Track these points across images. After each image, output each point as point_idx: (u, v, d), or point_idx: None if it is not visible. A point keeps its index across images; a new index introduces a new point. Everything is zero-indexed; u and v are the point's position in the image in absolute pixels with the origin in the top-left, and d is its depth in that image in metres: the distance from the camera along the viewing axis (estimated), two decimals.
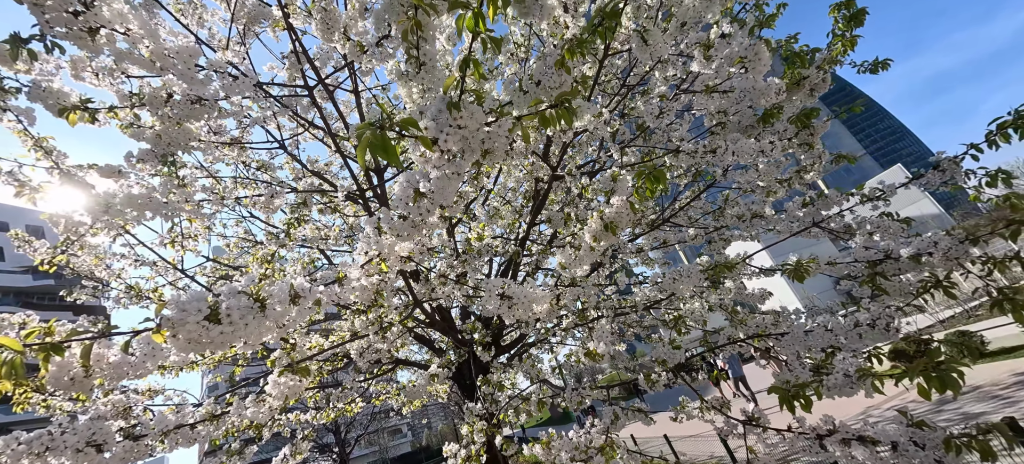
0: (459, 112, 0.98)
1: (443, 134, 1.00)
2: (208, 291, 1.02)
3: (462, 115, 0.99)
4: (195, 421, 1.62)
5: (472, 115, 1.01)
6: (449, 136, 1.01)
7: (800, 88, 3.13)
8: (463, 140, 1.03)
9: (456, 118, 0.99)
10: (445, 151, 1.04)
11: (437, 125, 0.99)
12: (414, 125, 0.92)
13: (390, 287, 1.77)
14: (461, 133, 1.02)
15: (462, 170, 1.14)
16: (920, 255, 2.10)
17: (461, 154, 1.07)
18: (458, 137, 1.02)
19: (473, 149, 1.07)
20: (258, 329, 1.05)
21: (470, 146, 1.07)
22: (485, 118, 1.07)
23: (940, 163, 2.57)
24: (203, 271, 3.88)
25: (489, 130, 1.09)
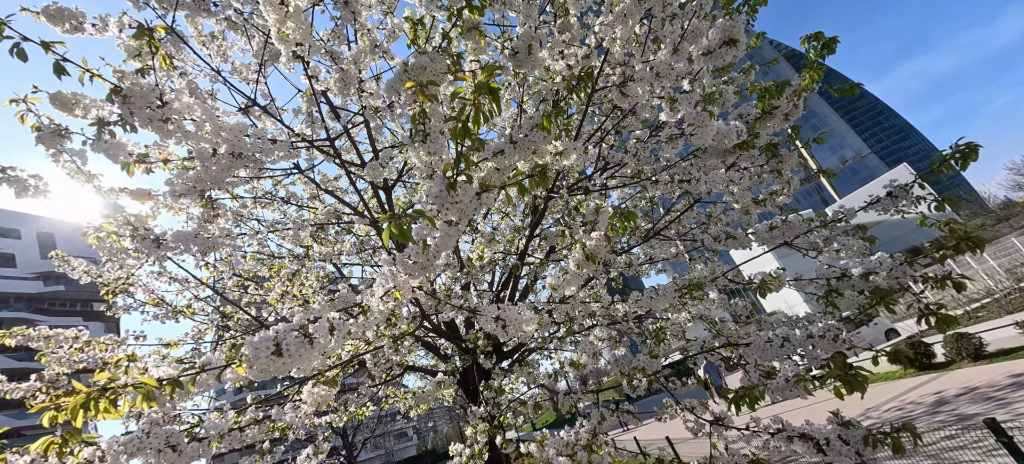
0: (455, 191, 1.31)
1: (443, 210, 1.32)
2: (264, 327, 1.34)
3: (457, 193, 1.31)
4: (243, 424, 1.95)
5: (466, 192, 1.34)
6: (448, 210, 1.33)
7: (773, 116, 3.42)
8: (459, 210, 1.35)
9: (453, 196, 1.31)
10: (445, 220, 1.36)
11: (438, 204, 1.31)
12: (421, 214, 1.24)
13: (402, 310, 2.10)
14: (457, 206, 1.34)
15: (461, 229, 1.47)
16: (868, 274, 2.38)
17: (459, 220, 1.39)
18: (456, 210, 1.34)
19: (467, 214, 1.39)
20: (308, 357, 1.38)
21: (465, 213, 1.39)
22: (475, 192, 1.39)
23: (893, 191, 2.85)
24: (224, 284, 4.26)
25: (479, 198, 1.41)
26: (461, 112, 1.26)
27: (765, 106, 3.35)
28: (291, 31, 1.87)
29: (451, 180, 1.30)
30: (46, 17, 2.62)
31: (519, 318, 1.79)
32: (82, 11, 2.67)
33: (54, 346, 3.17)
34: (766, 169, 3.19)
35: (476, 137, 1.29)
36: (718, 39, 2.06)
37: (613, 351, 5.47)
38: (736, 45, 2.04)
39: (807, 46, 3.74)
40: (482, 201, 1.39)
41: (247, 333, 4.15)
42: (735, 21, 2.03)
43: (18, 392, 3.06)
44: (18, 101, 2.53)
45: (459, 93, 1.23)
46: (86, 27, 2.69)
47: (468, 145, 1.29)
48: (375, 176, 2.61)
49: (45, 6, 2.61)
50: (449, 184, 1.30)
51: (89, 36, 2.79)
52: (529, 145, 2.04)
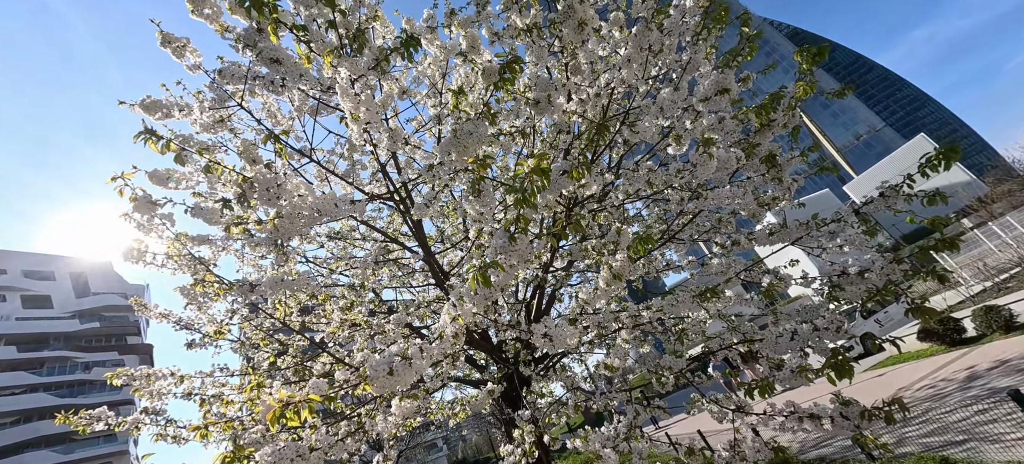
0: (515, 242, 1.71)
1: (506, 257, 1.73)
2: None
3: (516, 244, 1.72)
4: (342, 436, 2.38)
5: (522, 241, 1.74)
6: (509, 257, 1.74)
7: (771, 128, 3.76)
8: (518, 256, 1.76)
9: (512, 246, 1.72)
10: (507, 263, 1.77)
11: (504, 253, 1.72)
12: (496, 264, 1.65)
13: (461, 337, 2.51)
14: (516, 253, 1.75)
15: (516, 269, 1.87)
16: (864, 272, 2.69)
17: (516, 262, 1.80)
18: (515, 256, 1.75)
19: (524, 258, 1.80)
20: (409, 375, 1.81)
21: (522, 257, 1.80)
22: (529, 241, 1.80)
23: (884, 191, 3.15)
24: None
25: (532, 245, 1.81)
26: (522, 185, 1.66)
27: (762, 120, 3.69)
28: (363, 113, 2.32)
29: (511, 235, 1.71)
30: (143, 109, 3.15)
31: (563, 334, 2.18)
32: (170, 100, 3.20)
33: (152, 382, 3.68)
34: (767, 177, 3.52)
35: (532, 203, 1.69)
36: (713, 89, 2.43)
37: (639, 350, 5.81)
38: (729, 92, 2.41)
39: (800, 59, 4.09)
40: (533, 247, 1.80)
41: (305, 356, 4.63)
42: (726, 75, 2.40)
43: (124, 424, 3.57)
44: (116, 178, 3.05)
45: (520, 173, 1.63)
46: (174, 112, 3.21)
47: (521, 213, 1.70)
48: (422, 215, 3.04)
49: (142, 100, 3.14)
50: (510, 237, 1.71)
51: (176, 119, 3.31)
52: (558, 187, 2.44)
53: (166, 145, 2.08)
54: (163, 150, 2.48)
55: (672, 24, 3.15)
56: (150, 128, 2.03)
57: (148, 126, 2.02)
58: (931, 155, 3.00)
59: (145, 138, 2.01)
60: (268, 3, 1.76)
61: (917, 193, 3.44)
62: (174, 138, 2.09)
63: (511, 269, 1.84)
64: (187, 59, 3.25)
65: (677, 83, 2.81)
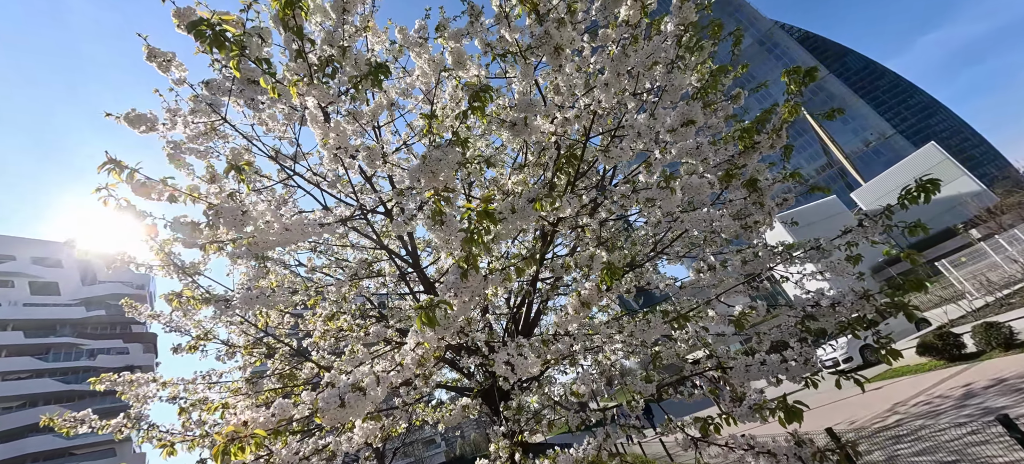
0: (467, 280, 1.74)
1: (458, 293, 1.76)
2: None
3: (468, 280, 1.74)
4: (308, 454, 2.43)
5: (474, 278, 1.77)
6: (462, 293, 1.77)
7: (755, 151, 3.75)
8: (470, 292, 1.78)
9: (465, 283, 1.74)
10: (460, 300, 1.80)
11: (455, 289, 1.75)
12: (444, 302, 1.68)
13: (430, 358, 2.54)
14: (469, 288, 1.77)
15: (472, 303, 1.90)
16: (835, 304, 2.68)
17: (470, 297, 1.82)
18: (467, 292, 1.78)
19: (477, 292, 1.83)
20: (364, 406, 1.84)
21: (475, 292, 1.83)
22: (482, 277, 1.82)
23: (863, 220, 3.13)
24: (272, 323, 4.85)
25: (486, 280, 1.84)
26: (470, 228, 1.69)
27: (746, 143, 3.68)
28: (331, 139, 2.35)
29: (464, 271, 1.73)
30: (127, 122, 3.20)
31: (525, 363, 2.20)
32: (154, 115, 3.25)
33: (136, 388, 3.74)
34: (748, 200, 3.51)
35: (480, 244, 1.72)
36: (678, 121, 2.43)
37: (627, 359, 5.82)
38: (694, 124, 2.41)
39: (788, 80, 4.07)
40: (488, 282, 1.82)
41: (291, 363, 4.69)
42: (692, 106, 2.40)
43: (108, 428, 3.64)
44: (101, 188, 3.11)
45: (466, 216, 1.66)
46: (158, 127, 3.26)
47: (474, 251, 1.72)
48: (400, 231, 3.07)
49: (126, 114, 3.20)
50: (462, 274, 1.73)
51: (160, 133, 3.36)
52: (526, 215, 2.47)
53: (130, 175, 2.12)
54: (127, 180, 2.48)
55: (654, 48, 3.15)
56: (114, 158, 2.07)
57: (112, 157, 2.06)
58: (913, 186, 2.98)
59: (109, 168, 2.05)
60: (231, 40, 1.79)
61: (898, 223, 3.42)
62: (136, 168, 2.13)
63: (465, 304, 1.87)
64: (172, 74, 3.30)
65: (652, 110, 2.82)
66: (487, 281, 1.82)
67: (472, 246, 1.68)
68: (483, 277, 1.80)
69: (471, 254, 1.70)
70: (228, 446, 1.42)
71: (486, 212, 1.66)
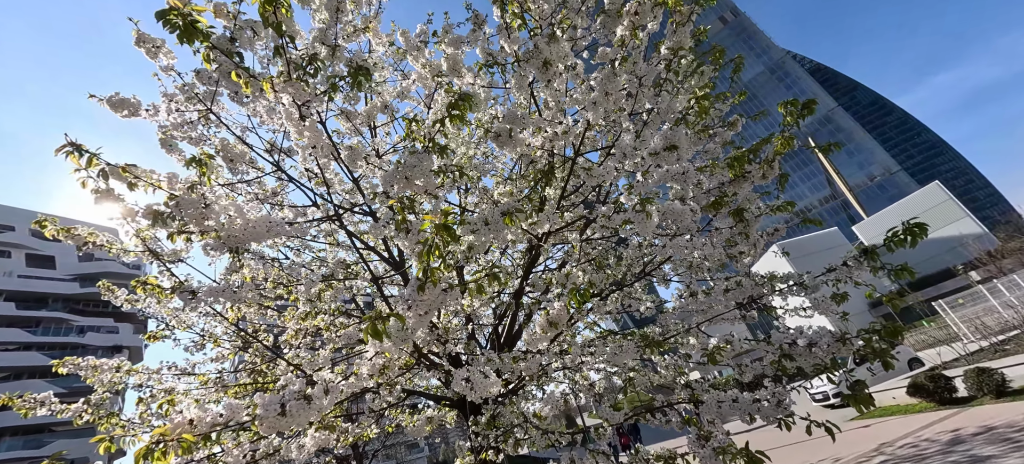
0: (424, 293, 1.68)
1: (414, 306, 1.69)
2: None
3: (424, 294, 1.68)
4: (258, 458, 2.36)
5: (432, 292, 1.71)
6: (417, 305, 1.71)
7: (746, 180, 3.69)
8: (426, 305, 1.72)
9: (420, 296, 1.68)
10: (415, 313, 1.73)
11: (409, 303, 1.69)
12: (397, 316, 1.62)
13: (394, 366, 2.47)
14: (425, 302, 1.71)
15: (429, 317, 1.84)
16: (812, 345, 2.62)
17: (427, 311, 1.76)
18: (423, 305, 1.71)
19: (434, 306, 1.76)
20: (308, 415, 1.77)
21: (432, 306, 1.76)
22: (442, 290, 1.76)
23: (848, 260, 3.07)
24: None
25: (445, 294, 1.78)
26: (427, 242, 1.63)
27: (736, 172, 3.63)
28: (306, 138, 2.31)
29: (421, 284, 1.67)
30: (110, 105, 3.17)
31: (485, 383, 2.13)
32: (139, 100, 3.22)
33: (99, 373, 3.67)
34: (734, 230, 3.45)
35: (440, 254, 1.66)
36: (661, 145, 2.39)
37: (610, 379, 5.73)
38: (676, 149, 2.36)
39: (784, 111, 4.02)
40: (447, 297, 1.76)
41: (265, 358, 4.61)
42: (675, 132, 2.36)
43: (68, 412, 3.56)
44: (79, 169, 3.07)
45: (425, 227, 1.60)
46: (141, 113, 3.23)
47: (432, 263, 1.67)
48: (379, 235, 3.03)
49: (109, 96, 3.17)
50: (419, 287, 1.67)
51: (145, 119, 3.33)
52: (499, 228, 2.41)
53: (89, 161, 2.07)
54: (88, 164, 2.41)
55: (646, 70, 3.11)
56: (74, 142, 2.03)
57: (72, 140, 2.02)
58: (897, 230, 2.93)
59: (67, 152, 2.01)
60: (201, 31, 1.75)
61: (885, 265, 3.35)
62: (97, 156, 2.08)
63: (421, 318, 1.80)
64: (160, 60, 3.28)
65: (639, 132, 2.78)
66: (447, 295, 1.76)
67: (430, 259, 1.62)
68: (442, 291, 1.74)
69: (429, 267, 1.64)
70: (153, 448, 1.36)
71: (444, 225, 1.61)
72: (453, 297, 1.74)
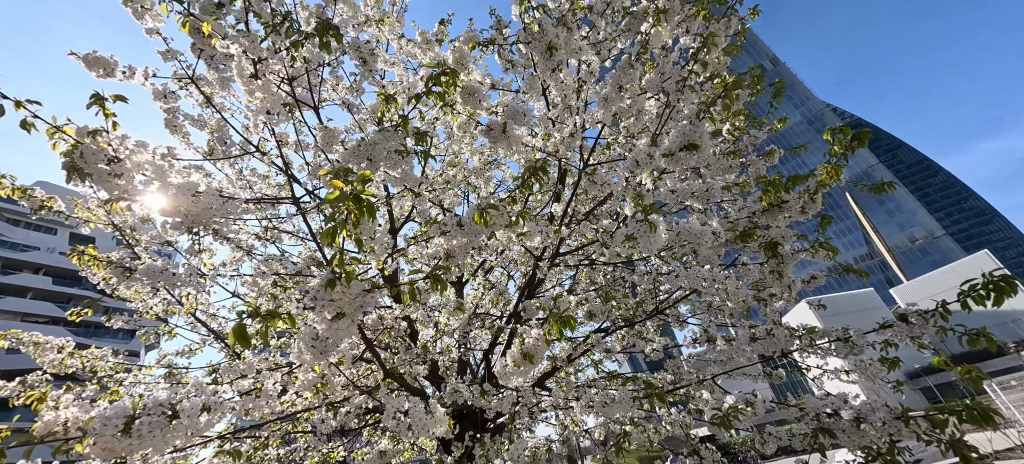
0: (331, 289, 1.24)
1: (321, 307, 1.26)
2: (128, 407, 1.29)
3: (333, 291, 1.24)
4: None
5: (345, 291, 1.27)
6: (326, 307, 1.27)
7: (782, 210, 3.15)
8: (335, 307, 1.28)
9: (328, 294, 1.25)
10: (322, 315, 1.29)
11: (316, 303, 1.25)
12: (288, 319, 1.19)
13: (333, 382, 2.02)
14: (335, 304, 1.27)
15: (350, 325, 1.39)
16: (860, 421, 2.01)
17: (342, 315, 1.32)
18: (333, 306, 1.27)
19: (349, 310, 1.32)
20: (166, 439, 1.32)
21: (346, 309, 1.32)
22: (363, 290, 1.32)
23: (907, 315, 2.46)
24: None
25: (367, 295, 1.33)
26: (332, 217, 1.21)
27: (770, 200, 3.11)
28: (259, 100, 1.97)
29: (330, 280, 1.24)
30: (85, 63, 2.98)
31: (423, 422, 1.65)
32: (115, 60, 3.01)
33: (41, 352, 3.36)
34: (764, 267, 2.89)
35: (355, 236, 1.24)
36: (678, 143, 1.92)
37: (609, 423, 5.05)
38: (698, 150, 1.89)
39: (830, 139, 3.50)
40: (368, 300, 1.32)
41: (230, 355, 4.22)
42: (697, 127, 1.89)
43: (5, 389, 3.25)
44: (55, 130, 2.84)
45: (332, 197, 1.19)
46: (116, 74, 3.02)
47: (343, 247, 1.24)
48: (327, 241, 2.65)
49: (85, 54, 2.97)
50: (328, 282, 1.24)
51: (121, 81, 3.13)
52: (474, 231, 1.98)
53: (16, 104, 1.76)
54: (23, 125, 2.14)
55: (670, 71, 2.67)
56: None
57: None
58: (979, 283, 2.32)
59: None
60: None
61: (955, 327, 2.71)
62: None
63: (337, 324, 1.36)
64: (146, 22, 3.10)
65: (655, 133, 2.32)
66: (365, 298, 1.32)
67: (335, 240, 1.20)
68: (362, 293, 1.30)
69: (341, 261, 1.22)
70: None
71: (355, 196, 1.19)
72: (371, 302, 1.30)
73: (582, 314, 3.63)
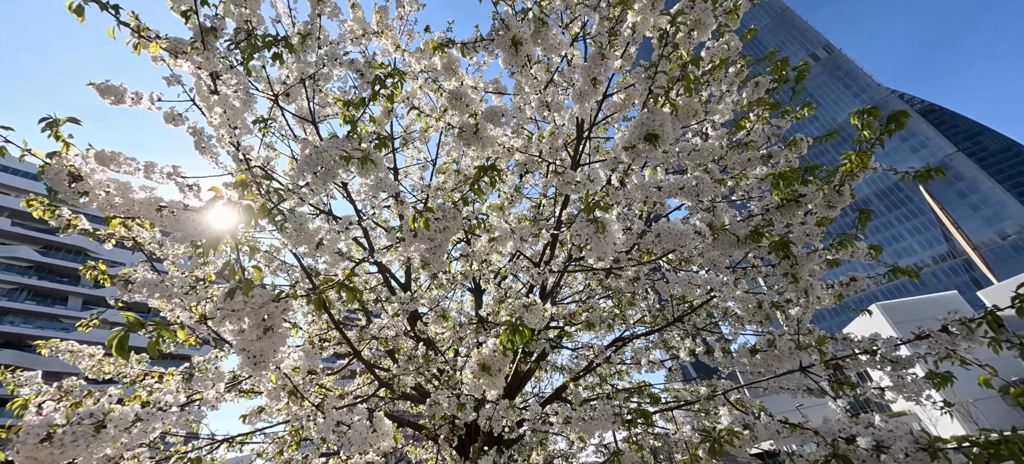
0: (231, 299, 1.20)
1: (221, 315, 1.22)
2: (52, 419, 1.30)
3: (233, 301, 1.20)
4: None
5: (247, 301, 1.22)
6: (228, 317, 1.22)
7: (799, 205, 2.84)
8: (237, 316, 1.23)
9: (229, 303, 1.20)
10: (237, 325, 1.25)
11: (222, 314, 1.21)
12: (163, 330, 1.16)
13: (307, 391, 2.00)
14: (236, 313, 1.22)
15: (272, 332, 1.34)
16: (880, 449, 1.67)
17: (247, 326, 1.27)
18: (234, 316, 1.23)
19: (256, 322, 1.27)
20: (94, 448, 1.33)
21: (255, 319, 1.27)
22: (270, 299, 1.26)
23: (949, 325, 2.06)
24: None
25: (275, 305, 1.27)
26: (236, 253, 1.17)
27: (784, 195, 2.80)
28: (217, 116, 2.01)
29: (231, 290, 1.20)
30: (99, 92, 3.24)
31: (363, 436, 1.57)
32: (124, 87, 3.26)
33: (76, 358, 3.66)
34: (777, 270, 2.58)
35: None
36: (636, 134, 1.71)
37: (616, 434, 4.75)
38: (658, 141, 1.69)
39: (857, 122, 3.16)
40: (279, 307, 1.26)
41: None
42: (655, 115, 1.69)
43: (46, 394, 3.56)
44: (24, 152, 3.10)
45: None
46: (126, 100, 3.26)
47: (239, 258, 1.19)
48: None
49: (99, 84, 3.24)
50: (228, 292, 1.20)
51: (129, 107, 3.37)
52: (428, 240, 1.89)
53: None
54: None
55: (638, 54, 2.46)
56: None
57: None
58: None
59: None
60: None
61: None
62: None
63: (246, 334, 1.32)
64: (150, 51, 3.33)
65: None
66: (275, 308, 1.27)
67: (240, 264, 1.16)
68: (273, 300, 1.25)
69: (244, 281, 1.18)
70: None
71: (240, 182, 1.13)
72: (281, 310, 1.24)
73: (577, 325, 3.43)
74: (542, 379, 6.60)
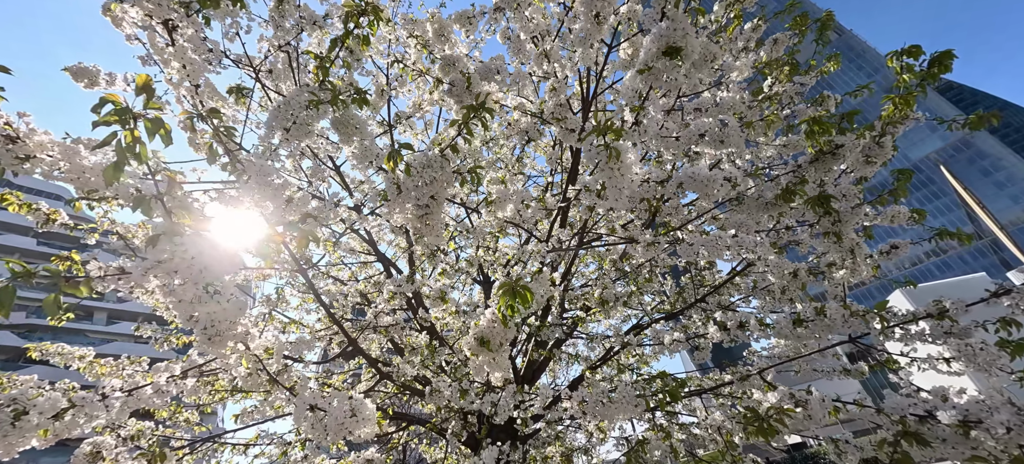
0: (156, 246, 0.95)
1: (143, 268, 0.97)
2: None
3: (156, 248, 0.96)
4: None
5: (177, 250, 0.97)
6: (152, 270, 0.98)
7: (835, 158, 2.53)
8: (165, 269, 0.99)
9: (156, 253, 0.96)
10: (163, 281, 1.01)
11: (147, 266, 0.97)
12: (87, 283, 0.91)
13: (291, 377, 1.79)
14: (165, 266, 0.98)
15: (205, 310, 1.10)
16: (969, 426, 1.36)
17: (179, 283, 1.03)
18: (164, 270, 0.98)
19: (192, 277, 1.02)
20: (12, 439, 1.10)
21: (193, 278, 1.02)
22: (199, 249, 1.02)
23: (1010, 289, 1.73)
24: None
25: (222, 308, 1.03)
26: None
27: (820, 144, 2.49)
28: (176, 71, 1.79)
29: (154, 236, 0.95)
30: (72, 75, 3.07)
31: (341, 422, 1.32)
32: (98, 69, 3.09)
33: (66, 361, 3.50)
34: (815, 229, 2.26)
35: None
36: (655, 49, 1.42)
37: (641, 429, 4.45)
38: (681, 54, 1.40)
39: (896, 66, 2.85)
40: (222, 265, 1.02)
41: None
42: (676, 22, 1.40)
43: None
44: None
45: None
46: (100, 82, 3.09)
47: None
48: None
49: (72, 66, 3.07)
50: (149, 240, 0.95)
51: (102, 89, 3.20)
52: (407, 199, 1.64)
53: None
54: None
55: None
56: None
57: None
58: None
59: None
60: None
61: None
62: None
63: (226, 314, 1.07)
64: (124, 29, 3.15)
65: None
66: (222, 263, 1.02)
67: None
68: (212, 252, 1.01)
69: None
70: None
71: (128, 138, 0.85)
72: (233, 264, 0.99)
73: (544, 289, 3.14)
74: (558, 373, 6.32)
